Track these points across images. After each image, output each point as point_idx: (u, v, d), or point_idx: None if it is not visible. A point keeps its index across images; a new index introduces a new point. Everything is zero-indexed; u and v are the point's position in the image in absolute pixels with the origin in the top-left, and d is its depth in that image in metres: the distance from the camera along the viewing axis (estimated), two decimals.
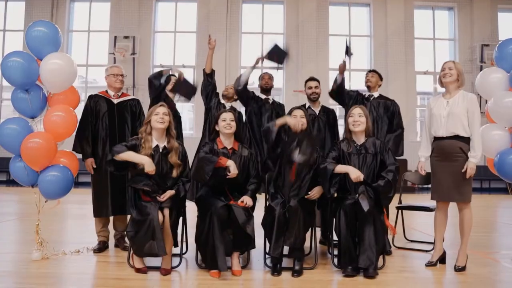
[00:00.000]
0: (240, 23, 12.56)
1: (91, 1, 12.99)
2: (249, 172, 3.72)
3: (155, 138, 3.57)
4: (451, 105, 3.62)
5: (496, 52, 4.19)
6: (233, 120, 3.67)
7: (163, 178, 3.54)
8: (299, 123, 3.65)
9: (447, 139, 3.63)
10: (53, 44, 3.80)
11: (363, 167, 3.57)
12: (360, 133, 3.64)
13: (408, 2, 12.65)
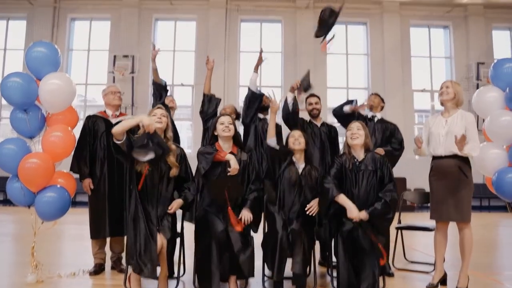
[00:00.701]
0: (239, 41, 12.68)
1: (91, 20, 13.13)
2: (249, 176, 3.68)
3: None
4: (449, 124, 3.65)
5: (491, 71, 4.22)
6: (231, 123, 3.66)
7: (161, 179, 3.45)
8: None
9: (445, 158, 3.64)
10: (53, 65, 3.83)
11: (363, 184, 3.53)
12: (359, 147, 3.60)
13: (404, 21, 12.81)
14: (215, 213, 3.48)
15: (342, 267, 3.33)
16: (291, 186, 3.66)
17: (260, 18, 12.88)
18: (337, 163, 3.63)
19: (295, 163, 3.75)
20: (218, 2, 12.42)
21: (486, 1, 12.35)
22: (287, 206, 3.64)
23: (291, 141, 3.78)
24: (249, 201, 3.54)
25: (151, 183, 3.38)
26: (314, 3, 12.44)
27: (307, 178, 3.68)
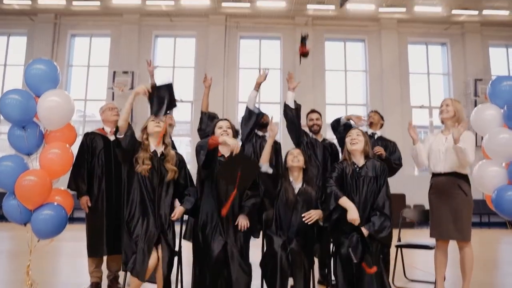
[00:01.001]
0: (238, 58, 12.77)
1: (91, 37, 13.24)
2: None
3: (153, 144, 3.54)
4: (449, 141, 3.65)
5: (489, 88, 4.23)
6: (229, 127, 3.66)
7: (161, 183, 3.45)
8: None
9: (445, 175, 3.63)
10: (52, 82, 3.84)
11: (363, 190, 3.47)
12: (358, 153, 3.56)
13: (402, 38, 12.93)
14: (213, 230, 3.42)
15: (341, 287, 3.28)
16: (288, 207, 3.62)
17: (259, 35, 13.00)
18: (338, 169, 3.59)
19: (291, 183, 3.71)
20: (217, 19, 12.54)
21: (482, 19, 12.48)
22: (285, 226, 3.60)
23: (289, 158, 3.75)
24: (246, 208, 3.51)
25: (151, 186, 3.39)
26: (312, 20, 12.58)
27: (303, 197, 3.64)
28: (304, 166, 3.74)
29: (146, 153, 3.43)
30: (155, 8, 12.14)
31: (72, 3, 11.88)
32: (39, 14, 12.55)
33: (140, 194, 3.37)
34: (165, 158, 3.51)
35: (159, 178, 3.43)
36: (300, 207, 3.59)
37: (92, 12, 12.48)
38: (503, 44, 13.37)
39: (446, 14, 12.15)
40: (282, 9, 11.98)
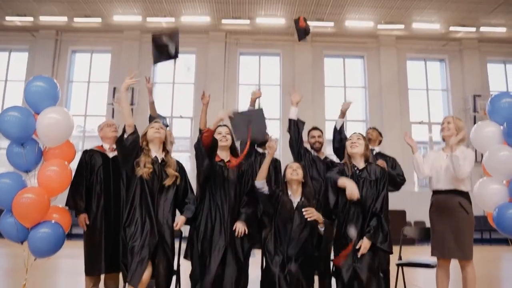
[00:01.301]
0: (238, 74, 12.83)
1: (92, 53, 13.33)
2: (245, 186, 3.67)
3: (153, 150, 3.54)
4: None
5: (488, 105, 4.24)
6: (228, 133, 3.70)
7: (161, 188, 3.45)
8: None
9: (446, 193, 3.61)
10: (51, 99, 3.85)
11: (363, 192, 3.43)
12: (358, 156, 3.54)
13: (400, 54, 13.02)
14: (212, 235, 3.41)
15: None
16: (285, 221, 3.59)
17: (259, 51, 13.09)
18: (339, 168, 3.60)
19: (290, 196, 3.69)
20: (217, 36, 12.65)
21: (480, 36, 12.59)
22: (284, 241, 3.56)
23: (288, 172, 3.73)
24: (243, 214, 3.52)
25: (151, 191, 3.38)
26: (312, 36, 12.65)
27: (301, 212, 3.59)
28: (303, 180, 3.73)
29: (147, 158, 3.45)
30: (156, 25, 12.22)
31: (73, 20, 11.98)
32: (41, 31, 12.66)
33: (139, 198, 3.36)
34: (166, 164, 3.53)
35: (159, 184, 3.44)
36: (298, 222, 3.56)
37: (93, 28, 12.58)
38: (501, 60, 13.47)
39: (444, 31, 12.26)
40: (282, 26, 12.09)
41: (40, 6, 11.22)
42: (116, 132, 4.26)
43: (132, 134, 3.40)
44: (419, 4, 10.77)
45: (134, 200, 3.36)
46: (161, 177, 3.46)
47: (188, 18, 11.74)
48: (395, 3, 10.72)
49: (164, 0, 10.80)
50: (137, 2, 10.97)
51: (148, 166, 3.39)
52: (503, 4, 10.59)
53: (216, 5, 11.03)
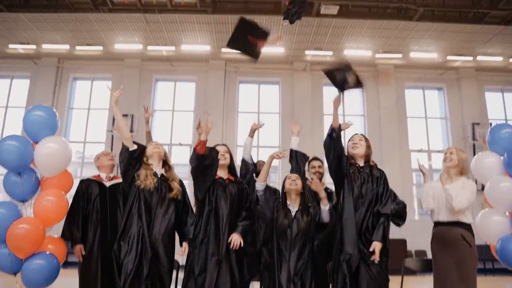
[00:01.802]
0: (237, 102, 12.89)
1: (92, 80, 13.42)
2: (244, 203, 3.66)
3: (152, 167, 3.57)
4: (452, 189, 3.57)
5: (488, 136, 4.25)
6: (227, 152, 3.73)
7: (161, 200, 3.44)
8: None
9: (448, 225, 3.55)
10: (50, 128, 3.85)
11: (365, 186, 3.49)
12: (359, 157, 3.63)
13: (398, 83, 13.13)
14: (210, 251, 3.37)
15: None
16: (284, 232, 3.56)
17: (258, 79, 13.19)
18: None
19: (288, 205, 3.68)
20: (217, 64, 12.78)
21: (477, 65, 12.73)
22: (285, 253, 3.50)
23: (287, 182, 3.75)
24: (240, 227, 3.51)
25: (148, 204, 3.37)
26: (311, 65, 12.81)
27: (299, 221, 3.58)
28: (302, 190, 3.73)
29: (148, 170, 3.48)
30: (156, 53, 12.39)
31: (75, 48, 12.13)
32: (43, 58, 12.78)
33: (136, 212, 3.35)
34: (169, 178, 3.57)
35: (158, 198, 3.44)
36: (297, 231, 3.55)
37: (94, 56, 12.72)
38: (499, 88, 13.56)
39: (441, 60, 12.40)
40: (281, 55, 12.23)
41: (43, 34, 11.38)
42: (113, 161, 4.27)
43: (138, 146, 3.51)
44: (416, 34, 10.94)
45: (130, 214, 3.36)
46: (161, 191, 3.47)
47: (188, 47, 11.89)
48: (393, 33, 10.88)
49: (165, 29, 10.96)
50: (138, 31, 11.13)
51: (150, 178, 3.42)
52: (498, 34, 10.77)
53: (216, 35, 11.18)
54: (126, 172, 3.48)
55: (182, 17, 10.37)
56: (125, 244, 3.26)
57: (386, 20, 10.31)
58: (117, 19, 10.53)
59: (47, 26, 10.89)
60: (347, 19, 10.25)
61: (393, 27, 10.54)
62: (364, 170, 3.58)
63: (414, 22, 10.29)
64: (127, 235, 3.29)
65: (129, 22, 10.63)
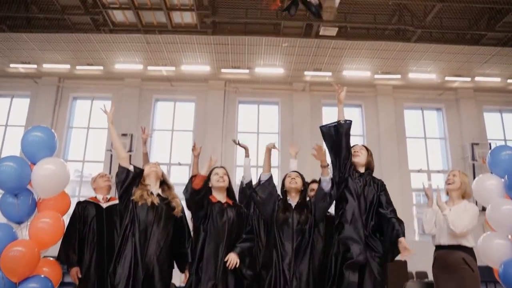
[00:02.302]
0: (236, 122, 12.90)
1: (92, 99, 13.45)
2: (243, 227, 3.63)
3: (149, 186, 3.55)
4: (454, 212, 3.53)
5: (488, 158, 4.23)
6: (225, 174, 3.71)
7: (157, 220, 3.40)
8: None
9: (449, 249, 3.50)
10: (48, 149, 3.82)
11: (364, 190, 3.56)
12: (360, 165, 3.71)
13: (397, 103, 13.17)
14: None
15: None
16: (284, 223, 3.54)
17: (258, 100, 13.23)
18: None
19: (288, 200, 3.70)
20: (217, 84, 12.83)
21: (475, 85, 12.79)
22: (287, 249, 3.45)
23: (287, 181, 3.76)
24: (239, 247, 3.47)
25: (144, 222, 3.32)
26: (310, 86, 12.88)
27: (299, 214, 3.58)
28: (302, 188, 3.74)
29: (144, 191, 3.46)
30: (156, 73, 12.45)
31: (76, 67, 12.20)
32: (43, 77, 12.82)
33: (132, 230, 3.31)
34: (167, 198, 3.55)
35: (154, 215, 3.39)
36: (297, 222, 3.54)
37: (94, 76, 12.78)
38: (497, 109, 13.59)
39: (440, 81, 12.45)
40: (280, 75, 12.29)
41: (44, 54, 11.46)
42: (109, 182, 4.26)
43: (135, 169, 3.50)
44: (414, 55, 11.03)
45: (125, 235, 3.32)
46: (157, 209, 3.43)
47: (188, 67, 11.96)
48: (391, 54, 10.97)
49: (165, 50, 11.04)
50: (138, 51, 11.21)
51: (146, 196, 3.40)
52: (495, 55, 10.85)
53: (216, 55, 11.27)
54: (122, 193, 3.44)
55: (182, 38, 10.46)
56: (119, 267, 3.21)
57: (384, 41, 10.41)
58: (117, 39, 10.62)
59: (48, 46, 10.97)
60: (346, 41, 10.34)
61: (392, 48, 10.63)
62: (365, 176, 3.65)
63: (412, 44, 10.38)
64: (122, 257, 3.23)
65: (129, 42, 10.72)
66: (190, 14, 9.79)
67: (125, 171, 3.47)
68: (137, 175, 3.51)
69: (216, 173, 3.70)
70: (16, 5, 9.77)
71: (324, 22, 9.56)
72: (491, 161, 4.16)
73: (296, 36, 10.29)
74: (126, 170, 3.47)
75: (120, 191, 3.46)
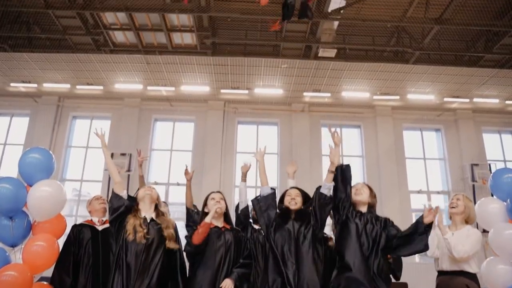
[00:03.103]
0: (235, 142, 12.88)
1: (92, 119, 13.45)
2: (241, 251, 3.57)
3: (143, 210, 3.45)
4: (456, 237, 3.47)
5: (491, 181, 4.19)
6: (222, 199, 3.65)
7: (148, 249, 3.27)
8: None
9: (452, 274, 3.43)
10: (45, 171, 3.79)
11: (363, 232, 3.38)
12: (362, 204, 3.53)
13: (396, 124, 13.18)
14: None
15: None
16: (286, 236, 3.44)
17: (257, 120, 13.24)
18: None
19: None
20: (216, 104, 12.86)
21: (474, 106, 12.83)
22: (289, 256, 3.36)
23: (287, 199, 3.67)
24: (235, 273, 3.40)
25: (134, 254, 3.23)
26: (309, 106, 12.92)
27: (300, 219, 3.51)
28: (301, 207, 3.64)
29: (137, 220, 3.35)
30: (156, 93, 12.49)
31: (76, 87, 12.23)
32: (43, 96, 12.85)
33: (122, 262, 3.22)
34: (162, 224, 3.43)
35: (145, 247, 3.29)
36: (298, 227, 3.46)
37: (94, 95, 12.81)
38: (496, 130, 13.61)
39: (438, 102, 12.50)
40: (280, 96, 12.33)
41: (45, 73, 11.50)
42: (105, 204, 4.22)
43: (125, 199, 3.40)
44: (413, 76, 11.08)
45: (117, 265, 3.24)
46: (150, 243, 3.33)
47: (187, 88, 12.00)
48: (390, 76, 11.03)
49: (165, 70, 11.09)
50: (138, 71, 11.26)
51: (139, 230, 3.29)
52: (493, 77, 10.90)
53: (216, 76, 11.32)
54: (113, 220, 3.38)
55: (182, 59, 10.52)
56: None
57: (383, 63, 10.47)
58: (118, 59, 10.67)
59: (49, 66, 11.02)
60: (344, 62, 10.40)
61: (390, 69, 10.69)
62: (366, 214, 3.48)
63: (411, 65, 10.45)
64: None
65: (130, 62, 10.77)
66: (190, 35, 9.89)
67: (120, 201, 3.40)
68: (131, 208, 3.41)
69: (212, 198, 3.66)
70: (18, 25, 9.87)
71: (323, 44, 9.65)
72: (493, 184, 4.12)
73: (295, 57, 10.37)
74: (121, 200, 3.39)
75: (111, 217, 3.40)
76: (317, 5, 8.47)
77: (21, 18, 9.80)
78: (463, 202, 3.62)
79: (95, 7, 8.67)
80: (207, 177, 11.96)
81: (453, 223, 3.64)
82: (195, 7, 8.60)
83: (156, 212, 3.54)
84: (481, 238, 3.50)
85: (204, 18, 9.26)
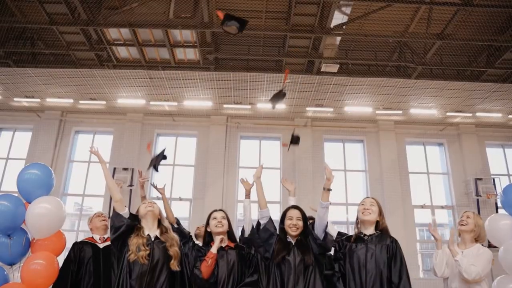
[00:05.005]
0: (238, 157, 12.84)
1: (94, 134, 13.46)
2: (246, 268, 3.48)
3: (146, 228, 3.33)
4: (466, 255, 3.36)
5: (501, 197, 4.13)
6: (224, 218, 3.56)
7: (153, 270, 3.17)
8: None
9: None
10: (44, 188, 3.75)
11: (367, 258, 3.16)
12: (369, 223, 3.28)
13: (399, 138, 13.13)
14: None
15: None
16: (284, 259, 3.32)
17: (259, 135, 13.22)
18: (339, 245, 3.37)
19: (287, 238, 3.47)
20: (219, 119, 12.86)
21: (477, 120, 12.79)
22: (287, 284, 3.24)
23: (287, 223, 3.48)
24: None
25: (138, 275, 3.12)
26: (311, 121, 12.90)
27: (300, 248, 3.35)
28: (302, 229, 3.48)
29: (140, 239, 3.23)
30: (159, 108, 12.50)
31: (79, 102, 12.26)
32: (46, 111, 12.90)
33: (129, 282, 3.13)
34: (167, 243, 3.31)
35: (149, 268, 3.18)
36: (300, 259, 3.30)
37: (97, 110, 12.84)
38: (499, 144, 13.54)
39: (441, 116, 12.47)
40: (282, 111, 12.32)
41: (48, 88, 11.54)
42: (106, 221, 4.15)
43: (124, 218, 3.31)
44: (415, 91, 11.07)
45: (119, 282, 3.15)
46: (153, 257, 3.23)
47: (190, 103, 12.01)
48: (392, 90, 11.02)
49: (168, 85, 11.11)
50: (141, 86, 11.29)
51: (143, 249, 3.18)
52: (496, 91, 10.88)
53: (218, 91, 11.33)
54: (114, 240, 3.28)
55: (185, 74, 10.55)
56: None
57: (385, 77, 10.47)
58: (121, 75, 10.71)
59: (53, 81, 11.06)
60: (347, 77, 10.41)
61: (393, 84, 10.69)
62: (369, 239, 3.24)
63: (413, 80, 10.44)
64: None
65: (133, 78, 10.81)
66: (193, 51, 9.93)
67: (121, 220, 3.29)
68: (133, 227, 3.33)
69: (214, 217, 3.58)
70: (23, 41, 9.95)
71: (325, 59, 9.66)
72: (504, 200, 4.06)
73: (298, 72, 10.38)
74: (122, 220, 3.30)
75: (112, 236, 3.29)
76: (320, 20, 8.50)
77: (25, 34, 9.88)
78: (473, 220, 3.52)
79: (99, 23, 8.73)
80: (210, 192, 11.91)
81: (462, 241, 3.54)
82: (198, 23, 8.65)
83: (160, 229, 3.43)
84: (491, 257, 3.41)
85: (207, 33, 9.32)
